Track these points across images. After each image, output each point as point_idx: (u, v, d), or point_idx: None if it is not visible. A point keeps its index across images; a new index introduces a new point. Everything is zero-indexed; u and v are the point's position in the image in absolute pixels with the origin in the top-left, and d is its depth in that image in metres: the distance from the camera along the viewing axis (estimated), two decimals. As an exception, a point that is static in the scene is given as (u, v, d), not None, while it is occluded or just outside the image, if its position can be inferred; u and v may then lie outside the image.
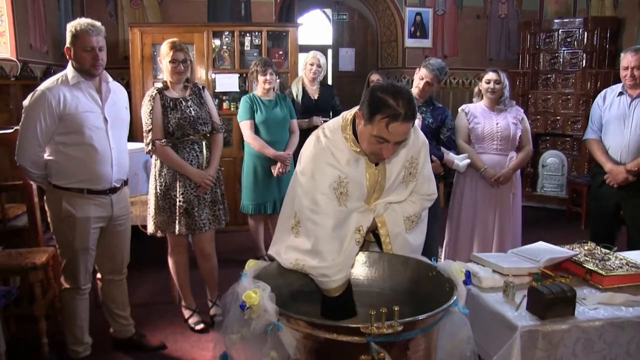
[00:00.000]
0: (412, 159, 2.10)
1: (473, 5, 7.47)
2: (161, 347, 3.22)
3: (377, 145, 1.87)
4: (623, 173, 3.48)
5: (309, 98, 4.73)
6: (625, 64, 3.48)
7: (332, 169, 1.96)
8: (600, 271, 2.21)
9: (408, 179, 2.12)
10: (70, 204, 2.74)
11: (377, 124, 1.82)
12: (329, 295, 1.95)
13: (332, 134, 2.02)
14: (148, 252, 4.20)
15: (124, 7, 6.21)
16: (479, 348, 2.01)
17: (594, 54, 6.38)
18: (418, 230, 2.21)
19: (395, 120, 1.80)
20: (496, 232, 3.71)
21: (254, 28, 5.65)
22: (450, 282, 1.80)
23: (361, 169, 2.01)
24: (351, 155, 1.99)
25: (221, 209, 3.39)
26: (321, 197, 1.94)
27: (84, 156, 2.71)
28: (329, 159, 1.98)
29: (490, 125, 3.68)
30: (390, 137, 1.83)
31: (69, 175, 2.72)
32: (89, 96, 2.74)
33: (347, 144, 1.99)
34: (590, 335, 1.92)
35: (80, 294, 2.91)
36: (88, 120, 2.70)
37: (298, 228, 1.99)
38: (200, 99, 3.32)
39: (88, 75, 2.73)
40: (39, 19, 4.86)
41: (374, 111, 1.83)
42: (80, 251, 2.81)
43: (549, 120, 6.66)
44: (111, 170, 2.80)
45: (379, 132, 1.83)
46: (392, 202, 2.12)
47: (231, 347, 1.73)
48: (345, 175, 1.97)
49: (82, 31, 2.66)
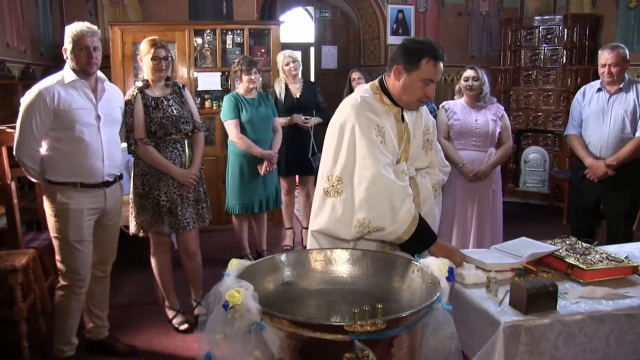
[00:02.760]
0: (427, 126, 2.35)
1: (454, 3, 7.52)
2: (132, 350, 3.19)
3: (423, 90, 2.13)
4: (603, 168, 3.52)
5: (291, 97, 4.73)
6: (603, 61, 3.53)
7: (373, 115, 2.14)
8: (581, 265, 2.24)
9: (427, 146, 2.34)
10: (65, 196, 2.80)
11: (424, 66, 2.09)
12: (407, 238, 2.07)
13: (365, 94, 2.22)
14: (132, 252, 4.16)
15: (104, 5, 6.14)
16: (463, 344, 2.02)
17: (574, 50, 6.46)
18: (439, 204, 2.36)
19: (439, 59, 2.11)
20: (474, 228, 3.73)
21: (236, 26, 5.63)
22: (434, 278, 1.80)
23: (392, 122, 2.20)
24: (383, 110, 2.20)
25: (204, 208, 3.38)
26: (369, 142, 2.08)
27: (76, 151, 2.78)
28: (368, 108, 2.16)
29: (469, 122, 3.72)
30: (435, 76, 2.12)
31: (62, 170, 2.79)
32: (83, 94, 2.81)
33: (379, 101, 2.21)
34: (572, 329, 1.94)
35: (77, 294, 2.90)
36: (80, 116, 2.78)
37: (337, 186, 2.12)
38: (181, 97, 3.30)
39: (83, 74, 2.79)
40: (16, 18, 4.78)
41: (419, 57, 2.09)
42: (75, 244, 2.83)
43: (530, 117, 6.72)
44: (102, 164, 2.86)
45: (428, 74, 2.11)
46: (417, 167, 2.30)
47: (214, 347, 1.71)
48: (382, 125, 2.15)
49: (79, 32, 2.76)
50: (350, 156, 2.09)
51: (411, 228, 2.06)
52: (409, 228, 2.06)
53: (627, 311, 2.00)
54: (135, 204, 3.25)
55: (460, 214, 3.73)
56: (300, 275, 1.99)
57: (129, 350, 3.18)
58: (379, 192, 2.04)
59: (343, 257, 2.08)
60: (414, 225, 2.07)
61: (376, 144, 2.09)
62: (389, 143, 2.15)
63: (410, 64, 2.11)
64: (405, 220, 2.05)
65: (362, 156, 2.07)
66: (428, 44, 2.12)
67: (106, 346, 3.16)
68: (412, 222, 2.07)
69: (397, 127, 2.22)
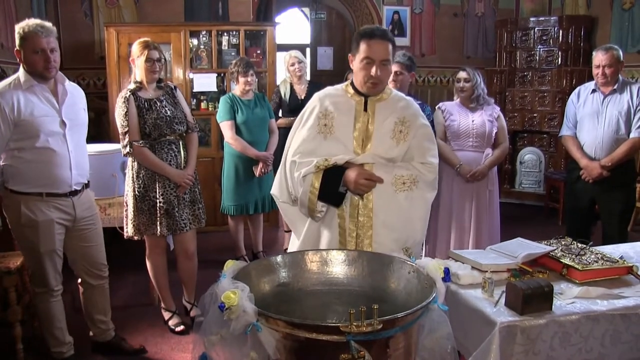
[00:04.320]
0: (404, 118, 2.32)
1: (450, 4, 7.52)
2: (141, 350, 3.18)
3: (368, 69, 2.20)
4: (597, 168, 3.53)
5: (295, 97, 4.74)
6: (597, 62, 3.54)
7: (327, 103, 2.31)
8: (576, 266, 2.24)
9: (399, 136, 2.30)
10: (30, 209, 2.67)
11: (362, 47, 2.21)
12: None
13: (334, 87, 2.42)
14: (127, 254, 4.15)
15: (99, 6, 6.11)
16: (459, 344, 2.02)
17: (569, 51, 6.48)
18: (414, 199, 2.28)
19: (372, 37, 2.20)
20: (473, 228, 3.73)
21: (232, 27, 5.62)
22: (429, 279, 1.80)
23: (351, 109, 2.30)
24: (345, 98, 2.33)
25: (200, 208, 3.38)
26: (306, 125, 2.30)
27: (42, 160, 2.64)
28: (321, 93, 2.38)
29: (466, 123, 3.72)
30: (373, 54, 2.19)
31: (27, 180, 2.65)
32: (45, 100, 2.66)
33: (344, 90, 2.37)
34: (567, 329, 1.95)
35: (54, 296, 2.87)
36: (45, 125, 2.62)
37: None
38: (174, 98, 3.30)
39: (41, 78, 2.64)
40: (10, 19, 4.77)
41: (358, 40, 2.23)
42: (46, 254, 2.75)
43: (526, 118, 6.74)
44: (70, 173, 2.74)
45: (365, 52, 2.20)
46: (382, 157, 2.27)
47: (210, 348, 1.71)
48: (332, 110, 2.29)
49: (31, 33, 2.56)
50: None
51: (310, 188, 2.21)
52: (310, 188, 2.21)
53: (622, 311, 2.01)
54: (132, 206, 3.24)
55: (458, 215, 3.73)
56: (296, 276, 1.98)
57: (136, 350, 3.16)
58: (282, 176, 2.34)
59: (339, 258, 2.07)
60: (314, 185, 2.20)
61: (308, 132, 2.28)
62: (338, 126, 2.28)
63: (354, 48, 2.27)
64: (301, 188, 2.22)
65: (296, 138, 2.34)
66: (366, 27, 2.31)
67: (113, 347, 3.14)
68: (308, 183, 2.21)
69: (356, 114, 2.30)
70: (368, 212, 2.25)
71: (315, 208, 2.23)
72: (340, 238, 2.30)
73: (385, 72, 2.24)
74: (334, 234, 2.30)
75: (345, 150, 2.26)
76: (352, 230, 2.27)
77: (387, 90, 2.36)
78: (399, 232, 2.26)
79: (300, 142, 2.29)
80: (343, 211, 2.28)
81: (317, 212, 2.25)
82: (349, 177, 2.18)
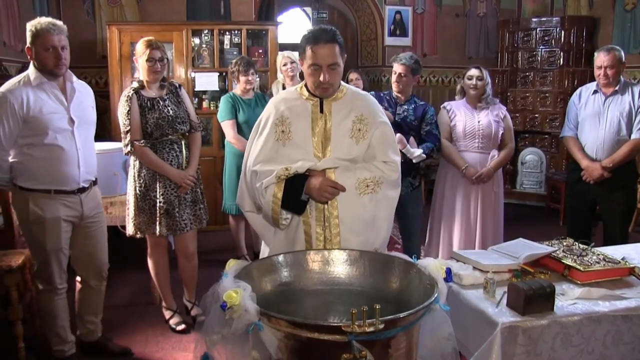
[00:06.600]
0: (362, 116, 2.27)
1: (452, 4, 7.53)
2: (126, 351, 3.16)
3: (316, 75, 2.17)
4: (599, 169, 3.53)
5: None
6: (599, 63, 3.54)
7: (282, 107, 2.27)
8: (578, 267, 2.24)
9: (358, 135, 2.25)
10: (38, 205, 2.68)
11: (307, 52, 2.16)
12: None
13: (289, 90, 2.41)
14: (129, 253, 4.15)
15: (101, 5, 6.13)
16: (460, 345, 2.02)
17: (570, 52, 6.48)
18: (379, 201, 2.22)
19: (317, 42, 2.13)
20: (478, 230, 3.70)
21: (234, 26, 5.62)
22: (431, 279, 1.80)
23: (307, 112, 2.27)
24: (300, 101, 2.29)
25: (202, 208, 3.37)
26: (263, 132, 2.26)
27: (50, 157, 2.66)
28: (276, 99, 2.35)
29: (472, 123, 3.68)
30: (320, 60, 2.14)
31: (35, 177, 2.67)
32: (54, 97, 2.68)
33: (298, 93, 2.32)
34: (569, 330, 1.95)
35: (58, 294, 2.87)
36: (53, 122, 2.65)
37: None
38: (177, 97, 3.29)
39: (51, 76, 2.67)
40: (12, 17, 4.77)
41: (303, 45, 2.18)
42: (52, 252, 2.76)
43: (527, 118, 6.74)
44: (78, 170, 2.76)
45: (311, 59, 2.16)
46: (344, 159, 2.21)
47: (212, 347, 1.71)
48: (288, 115, 2.25)
49: (43, 30, 2.59)
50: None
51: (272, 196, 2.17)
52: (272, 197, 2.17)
53: (623, 312, 2.01)
54: (133, 205, 3.24)
55: (464, 216, 3.70)
56: (298, 275, 1.99)
57: (121, 351, 3.15)
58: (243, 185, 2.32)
59: (340, 257, 2.08)
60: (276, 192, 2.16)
61: (264, 140, 2.24)
62: (296, 131, 2.24)
63: (300, 53, 2.23)
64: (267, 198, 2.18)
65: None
66: (311, 31, 2.21)
67: (99, 347, 3.13)
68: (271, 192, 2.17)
69: (313, 116, 2.26)
70: (334, 218, 2.23)
71: (280, 217, 2.20)
72: (307, 245, 2.26)
73: (335, 75, 2.19)
74: (300, 240, 2.28)
75: (306, 154, 2.22)
76: (320, 234, 2.25)
77: (342, 88, 2.30)
78: (366, 234, 2.23)
79: (258, 150, 2.24)
80: (308, 217, 2.25)
81: (282, 219, 2.22)
82: (312, 185, 2.14)
